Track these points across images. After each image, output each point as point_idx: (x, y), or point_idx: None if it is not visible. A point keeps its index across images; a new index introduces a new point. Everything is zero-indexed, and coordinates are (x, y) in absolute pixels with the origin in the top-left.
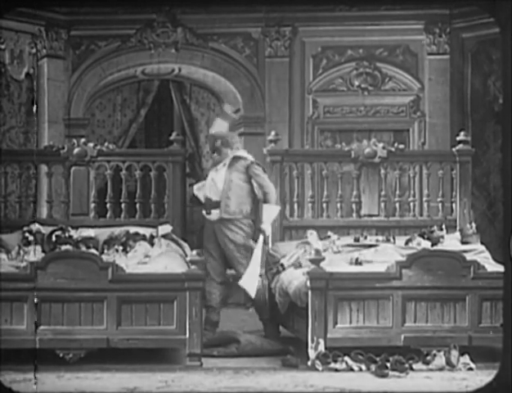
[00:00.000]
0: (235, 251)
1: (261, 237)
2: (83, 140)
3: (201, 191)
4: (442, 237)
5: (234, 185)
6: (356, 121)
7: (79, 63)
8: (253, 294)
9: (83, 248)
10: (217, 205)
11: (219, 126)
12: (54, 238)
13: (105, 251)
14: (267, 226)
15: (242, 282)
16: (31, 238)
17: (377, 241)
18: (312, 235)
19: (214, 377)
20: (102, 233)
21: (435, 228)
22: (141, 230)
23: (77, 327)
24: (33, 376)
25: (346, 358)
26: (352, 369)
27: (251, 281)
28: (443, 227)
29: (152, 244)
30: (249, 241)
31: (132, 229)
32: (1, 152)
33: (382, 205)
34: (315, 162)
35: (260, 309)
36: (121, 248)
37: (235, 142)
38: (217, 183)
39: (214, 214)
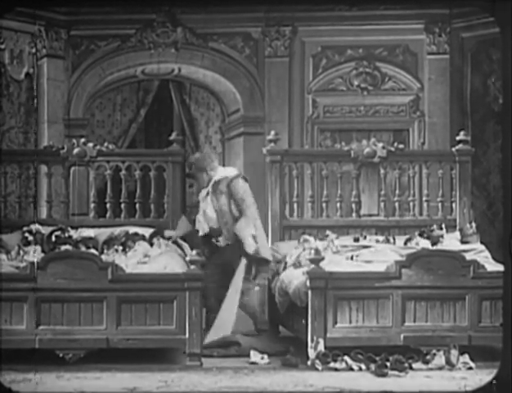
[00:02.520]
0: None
1: (243, 262)
2: (82, 140)
3: (200, 224)
4: (442, 236)
5: (224, 212)
6: (355, 121)
7: (79, 63)
8: (228, 330)
9: (83, 248)
10: (220, 231)
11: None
12: (54, 238)
13: (105, 251)
14: (249, 248)
15: (217, 321)
16: (31, 238)
17: (377, 241)
18: (308, 241)
19: (214, 376)
20: (102, 233)
21: (435, 227)
22: (141, 230)
23: (77, 327)
24: (33, 376)
25: (346, 357)
26: (351, 369)
27: (228, 315)
28: (443, 226)
29: (151, 244)
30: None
31: (132, 229)
32: (1, 152)
33: (381, 204)
34: (314, 162)
35: (255, 320)
36: (121, 248)
37: (208, 163)
38: (209, 213)
39: (221, 241)
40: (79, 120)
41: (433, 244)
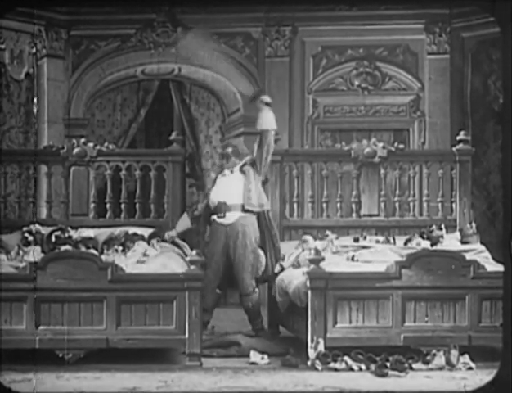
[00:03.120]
0: (244, 256)
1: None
2: (82, 140)
3: (215, 196)
4: (442, 236)
5: (252, 181)
6: (356, 121)
7: (79, 63)
8: None
9: (83, 248)
10: (232, 207)
11: (269, 121)
12: (53, 239)
13: (105, 251)
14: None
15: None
16: (31, 238)
17: (377, 241)
18: (307, 241)
19: (214, 376)
20: (102, 233)
21: (434, 227)
22: (140, 230)
23: (76, 327)
24: (33, 376)
25: (346, 357)
26: (351, 369)
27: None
28: (443, 226)
29: (150, 244)
30: (257, 249)
31: (131, 229)
32: (0, 152)
33: (382, 204)
34: (315, 162)
35: (253, 320)
36: (120, 248)
37: (246, 153)
38: (232, 185)
39: (229, 218)
40: (79, 120)
41: (433, 244)
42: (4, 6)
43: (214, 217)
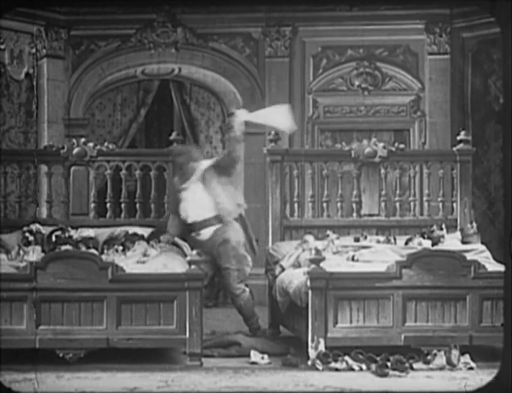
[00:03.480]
0: (227, 263)
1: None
2: (82, 140)
3: (186, 214)
4: (443, 236)
5: (216, 187)
6: (356, 121)
7: (79, 63)
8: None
9: (83, 248)
10: (205, 223)
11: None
12: (54, 238)
13: (105, 251)
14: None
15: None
16: (31, 238)
17: (378, 241)
18: (307, 242)
19: (214, 376)
20: (102, 233)
21: (435, 227)
22: (140, 230)
23: (77, 327)
24: (33, 376)
25: (346, 357)
26: (352, 369)
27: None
28: (443, 226)
29: (149, 243)
30: (241, 253)
31: (132, 229)
32: (1, 152)
33: (382, 204)
34: (315, 162)
35: (248, 320)
36: (121, 248)
37: (199, 156)
38: (197, 199)
39: (205, 234)
40: (79, 120)
41: (434, 244)
42: (4, 6)
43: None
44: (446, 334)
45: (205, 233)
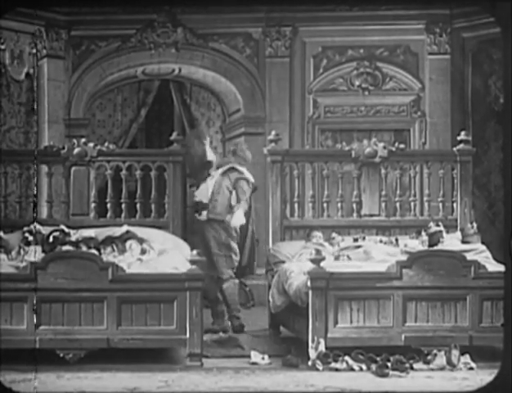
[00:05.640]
0: (217, 249)
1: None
2: (83, 140)
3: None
4: (441, 231)
5: (222, 190)
6: (356, 121)
7: (79, 63)
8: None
9: (84, 248)
10: (206, 206)
11: None
12: (51, 239)
13: (102, 251)
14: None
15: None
16: (31, 238)
17: (380, 241)
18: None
19: (214, 377)
20: (101, 233)
21: (432, 224)
22: (139, 230)
23: (77, 327)
24: (33, 376)
25: (346, 357)
26: (352, 369)
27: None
28: (440, 223)
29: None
30: (229, 241)
31: (131, 229)
32: (1, 152)
33: (382, 204)
34: (315, 162)
35: (229, 307)
36: (118, 248)
37: (243, 157)
38: (209, 188)
39: (204, 215)
40: (80, 120)
41: (434, 244)
42: (4, 6)
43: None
44: (447, 334)
45: (204, 215)
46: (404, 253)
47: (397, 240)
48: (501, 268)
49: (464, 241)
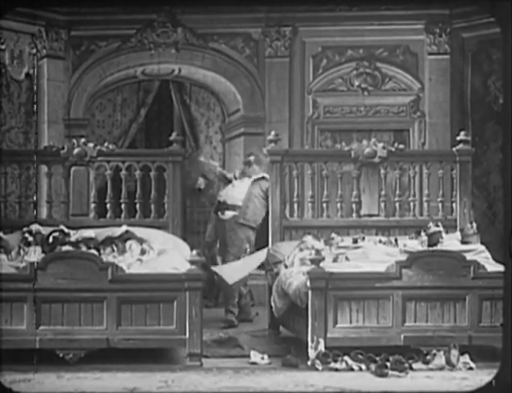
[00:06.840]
0: (236, 247)
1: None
2: (82, 140)
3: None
4: (440, 232)
5: (253, 198)
6: (356, 121)
7: (79, 63)
8: (230, 281)
9: (84, 248)
10: (231, 208)
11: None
12: (51, 239)
13: (102, 251)
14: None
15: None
16: (31, 239)
17: (380, 241)
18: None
19: (214, 376)
20: (101, 233)
21: (431, 224)
22: (139, 230)
23: (77, 327)
24: (33, 376)
25: (346, 357)
26: (352, 369)
27: (234, 274)
28: (439, 223)
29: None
30: (246, 245)
31: (130, 229)
32: (1, 152)
33: (382, 205)
34: (315, 162)
35: (228, 300)
36: (118, 248)
37: (265, 163)
38: (238, 192)
39: (227, 215)
40: (79, 120)
41: (433, 244)
42: (4, 6)
43: (218, 212)
44: (446, 334)
45: (227, 215)
46: (403, 253)
47: (396, 240)
48: (501, 268)
49: (463, 242)
